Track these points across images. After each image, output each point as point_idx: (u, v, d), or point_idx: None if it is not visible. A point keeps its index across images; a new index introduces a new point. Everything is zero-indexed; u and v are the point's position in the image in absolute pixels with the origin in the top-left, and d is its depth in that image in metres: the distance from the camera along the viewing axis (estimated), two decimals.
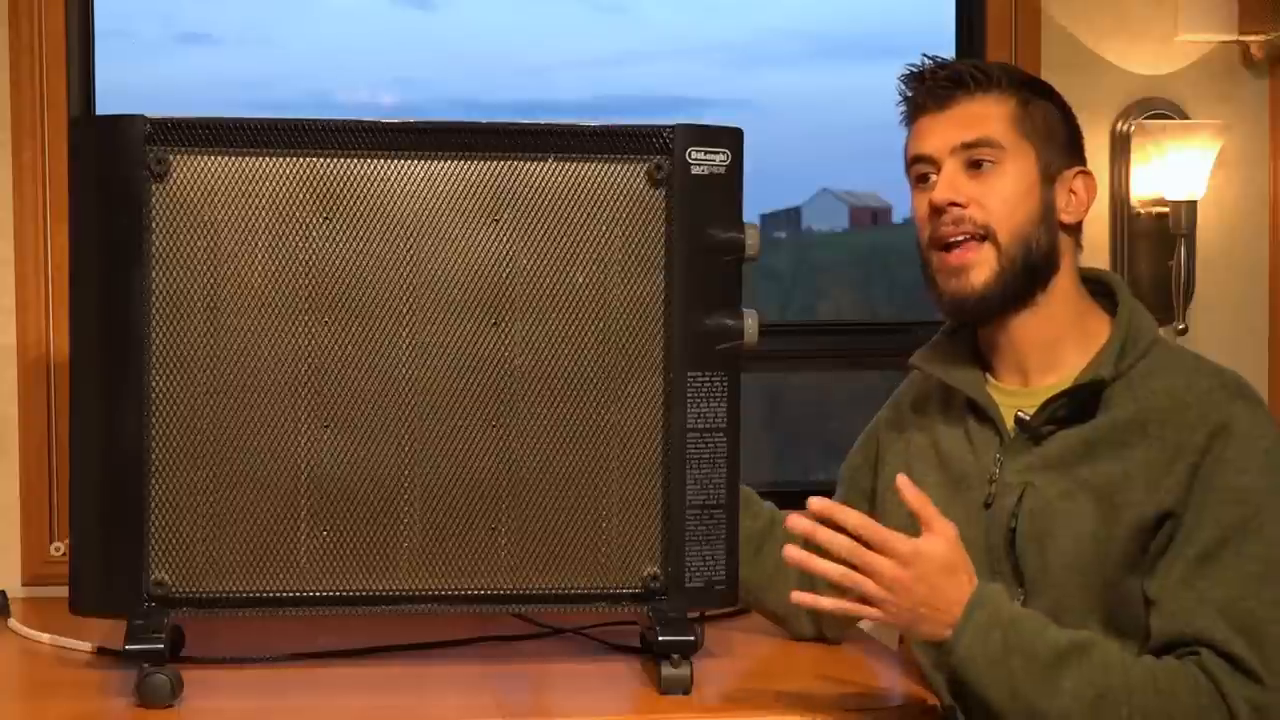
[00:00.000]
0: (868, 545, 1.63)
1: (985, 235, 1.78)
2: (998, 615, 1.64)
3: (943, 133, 1.81)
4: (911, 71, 1.86)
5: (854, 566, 1.63)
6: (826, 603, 1.68)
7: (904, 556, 1.63)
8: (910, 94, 1.86)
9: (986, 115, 1.81)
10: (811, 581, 1.78)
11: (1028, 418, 1.79)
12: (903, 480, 1.68)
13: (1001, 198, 1.79)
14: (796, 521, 1.67)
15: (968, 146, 1.80)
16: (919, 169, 1.84)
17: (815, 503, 1.67)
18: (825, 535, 1.65)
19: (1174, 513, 1.69)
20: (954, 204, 1.79)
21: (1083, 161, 1.86)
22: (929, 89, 1.83)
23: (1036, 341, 1.82)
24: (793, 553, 1.66)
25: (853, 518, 1.65)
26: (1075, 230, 1.85)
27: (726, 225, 1.80)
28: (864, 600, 1.65)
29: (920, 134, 1.84)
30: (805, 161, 3.22)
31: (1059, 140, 1.83)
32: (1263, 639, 1.63)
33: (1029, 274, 1.80)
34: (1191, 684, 1.62)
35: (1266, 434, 1.71)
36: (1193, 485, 1.69)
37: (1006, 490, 1.79)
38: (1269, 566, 1.66)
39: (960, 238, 1.79)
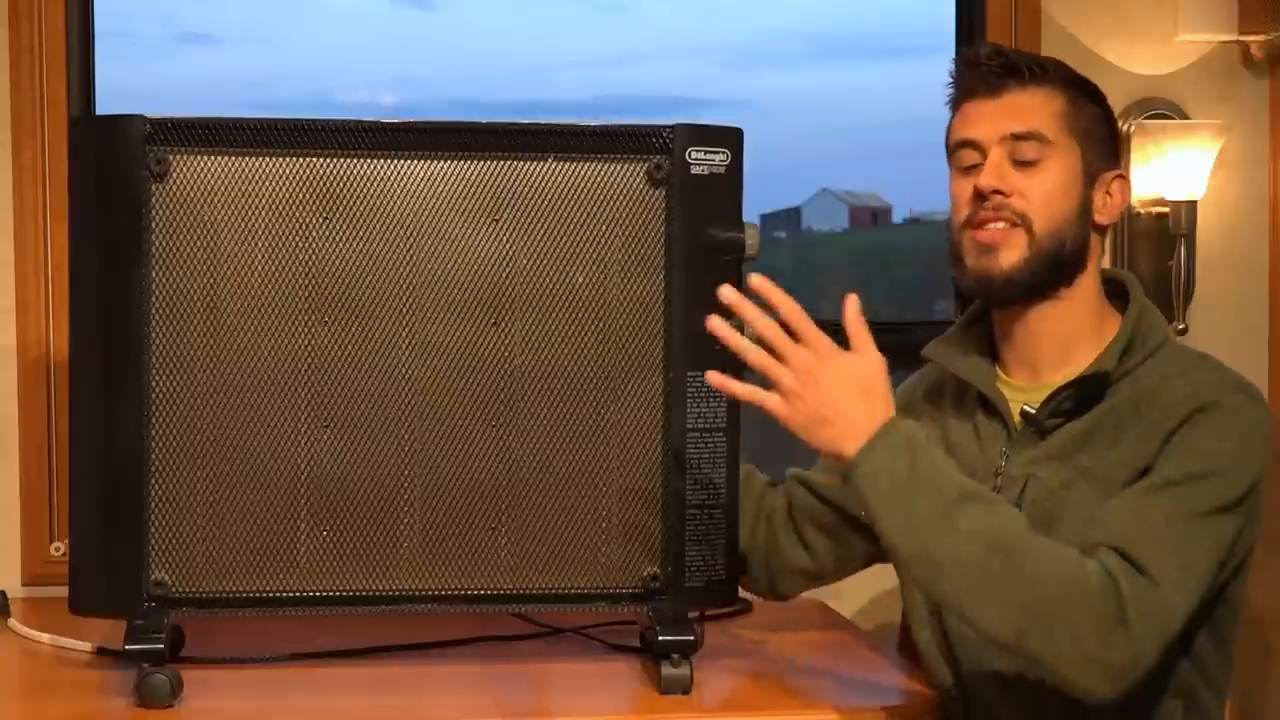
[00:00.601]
0: (792, 334, 1.63)
1: (1020, 223, 1.79)
2: (910, 442, 1.63)
3: (992, 121, 1.81)
4: (966, 54, 1.86)
5: (771, 350, 1.63)
6: (737, 387, 1.67)
7: (822, 351, 1.62)
8: (963, 77, 1.85)
9: (1037, 108, 1.81)
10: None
11: (1033, 411, 1.80)
12: (852, 300, 1.66)
13: (1044, 191, 1.79)
14: (726, 291, 1.66)
15: (1017, 138, 1.80)
16: (965, 154, 1.84)
17: (756, 279, 1.66)
18: (751, 311, 1.64)
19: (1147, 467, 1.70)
20: (998, 191, 1.79)
21: (1119, 165, 1.87)
22: (983, 74, 1.83)
23: (1053, 336, 1.83)
24: (716, 323, 1.65)
25: (785, 302, 1.64)
26: (1104, 232, 1.86)
27: (726, 225, 1.80)
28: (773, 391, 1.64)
29: (969, 119, 1.84)
30: (805, 161, 3.23)
31: (1102, 142, 1.84)
32: (1171, 562, 1.61)
33: (1057, 268, 1.80)
34: (1084, 566, 1.60)
35: (1252, 419, 1.72)
36: (1167, 444, 1.70)
37: (1011, 483, 1.80)
38: (1200, 519, 1.65)
39: (998, 223, 1.79)
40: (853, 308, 1.66)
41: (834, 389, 1.62)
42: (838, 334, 1.66)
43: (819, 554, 2.01)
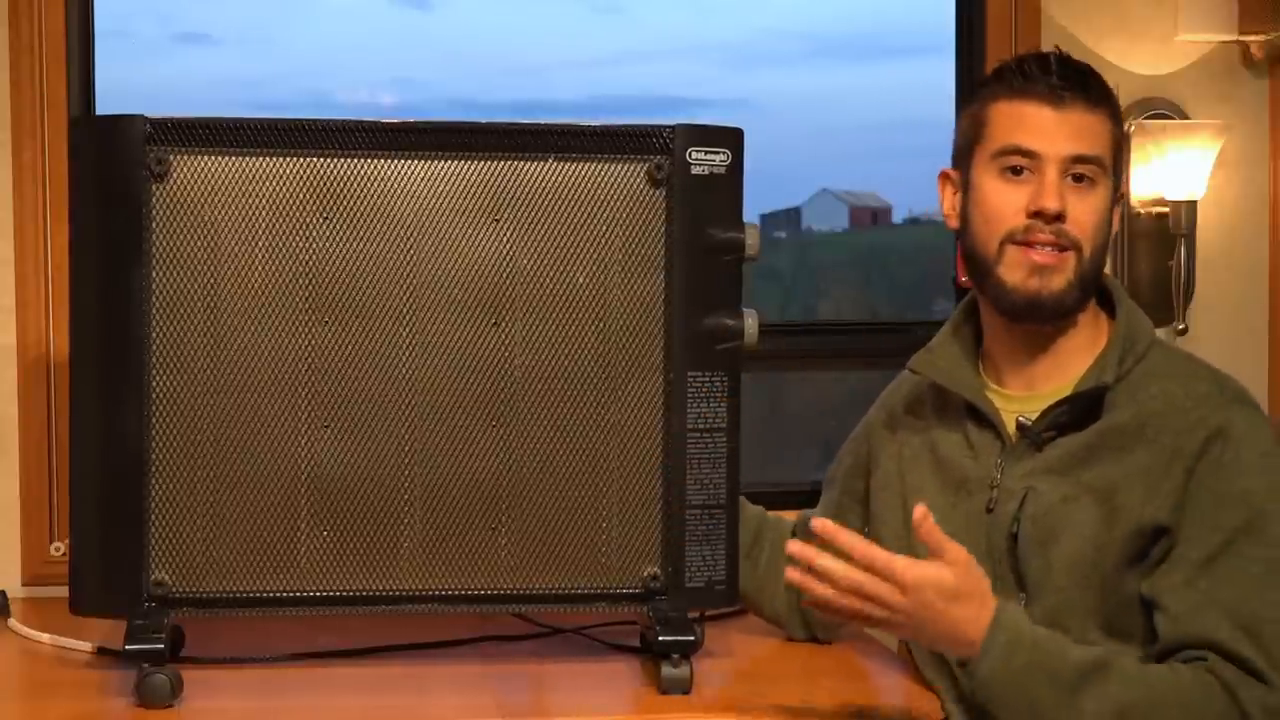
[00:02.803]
0: (869, 569, 1.60)
1: (1075, 249, 1.76)
2: (1019, 637, 1.63)
3: (1056, 136, 1.76)
4: (1033, 55, 1.81)
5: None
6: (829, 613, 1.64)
7: (904, 584, 1.59)
8: (1026, 74, 1.78)
9: (1099, 132, 1.77)
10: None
11: (1029, 423, 1.78)
12: (920, 511, 1.62)
13: (1096, 218, 1.77)
14: (795, 548, 1.62)
15: (1078, 160, 1.76)
16: (1015, 160, 1.77)
17: (818, 524, 1.63)
18: (824, 563, 1.61)
19: (1168, 527, 1.69)
20: (1061, 215, 1.74)
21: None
22: (1053, 83, 1.76)
23: (1054, 351, 1.81)
24: (794, 575, 1.62)
25: (852, 542, 1.61)
26: None
27: (726, 225, 1.80)
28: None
29: (1026, 124, 1.77)
30: (805, 161, 3.22)
31: (1121, 162, 1.83)
32: (1268, 639, 1.63)
33: (1090, 293, 1.79)
34: (1206, 691, 1.62)
35: (1264, 437, 1.71)
36: (1188, 490, 1.68)
37: (1008, 495, 1.78)
38: (1271, 567, 1.66)
39: (1051, 246, 1.76)
40: (922, 518, 1.61)
41: (926, 611, 1.60)
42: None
43: None
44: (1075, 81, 1.78)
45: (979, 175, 1.81)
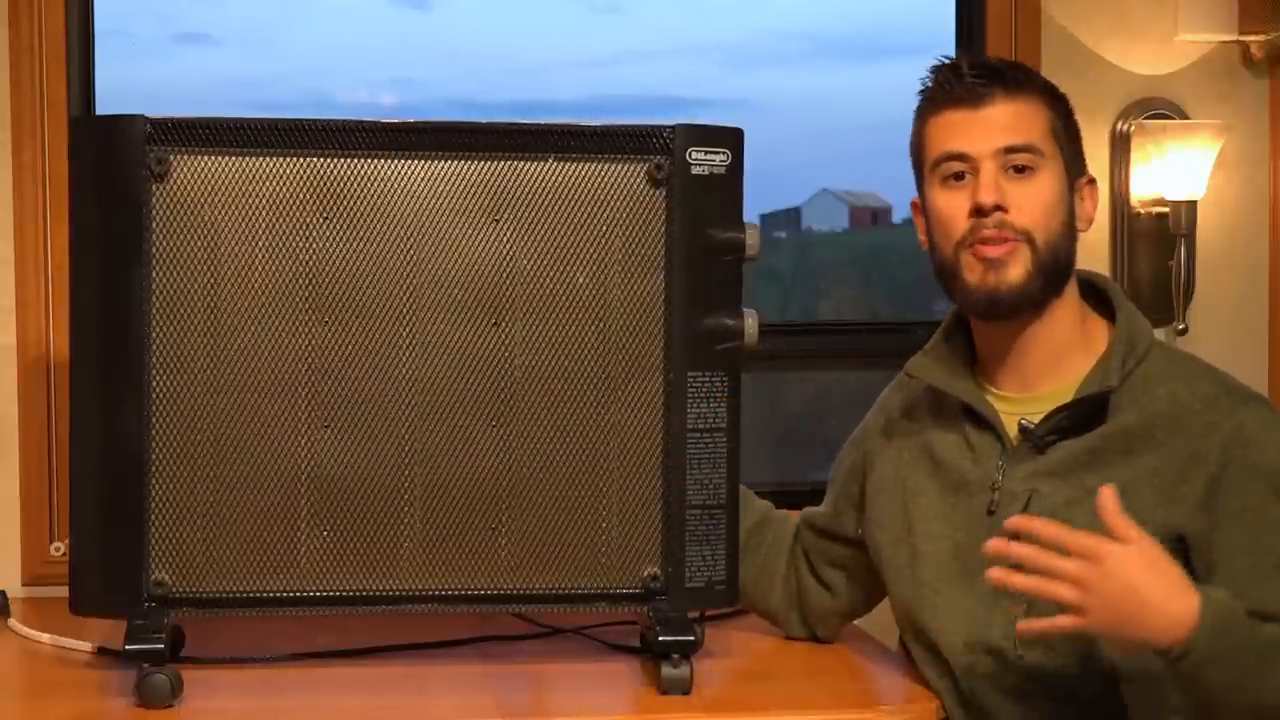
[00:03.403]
0: (1063, 551, 1.56)
1: (1023, 238, 1.76)
2: (1228, 620, 1.58)
3: (983, 133, 1.77)
4: (943, 61, 1.83)
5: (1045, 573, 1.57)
6: (1041, 624, 1.60)
7: (1093, 554, 1.55)
8: (941, 85, 1.81)
9: (1026, 118, 1.78)
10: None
11: (1032, 426, 1.78)
12: (1107, 493, 1.58)
13: (1041, 204, 1.77)
14: (991, 544, 1.59)
15: (1011, 150, 1.76)
16: (952, 167, 1.79)
17: (1011, 522, 1.60)
18: (1016, 549, 1.57)
19: (1190, 534, 1.69)
20: (1000, 207, 1.75)
21: (1087, 169, 1.86)
22: (966, 85, 1.78)
23: (1043, 349, 1.81)
24: (995, 573, 1.59)
25: (1042, 528, 1.58)
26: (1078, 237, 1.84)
27: (726, 225, 1.80)
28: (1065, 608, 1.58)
29: (953, 130, 1.79)
30: (805, 161, 3.22)
31: (1076, 147, 1.83)
32: None
33: (1055, 280, 1.78)
34: None
35: (1279, 428, 1.72)
36: (1217, 500, 1.69)
37: (1010, 498, 1.77)
38: None
39: (1001, 240, 1.76)
40: (1110, 501, 1.58)
41: (1115, 581, 1.55)
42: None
43: (842, 592, 2.01)
44: (990, 76, 1.79)
45: (929, 192, 1.83)
